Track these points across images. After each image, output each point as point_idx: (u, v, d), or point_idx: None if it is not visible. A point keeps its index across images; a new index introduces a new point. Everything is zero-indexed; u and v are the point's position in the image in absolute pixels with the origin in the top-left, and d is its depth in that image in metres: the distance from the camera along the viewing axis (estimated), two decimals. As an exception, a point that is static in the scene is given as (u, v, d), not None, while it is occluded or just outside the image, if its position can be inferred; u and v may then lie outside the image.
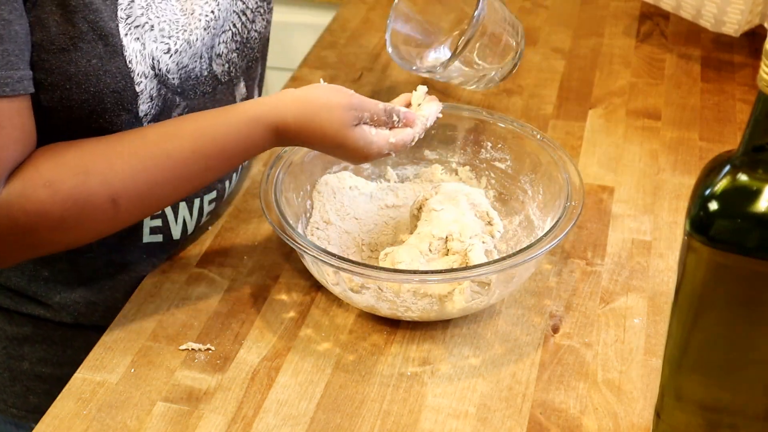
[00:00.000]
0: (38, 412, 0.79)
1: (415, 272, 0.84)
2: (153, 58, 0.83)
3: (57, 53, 0.77)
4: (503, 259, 0.82)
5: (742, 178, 0.61)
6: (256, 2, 0.96)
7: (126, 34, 0.80)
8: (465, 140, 1.03)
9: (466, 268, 0.84)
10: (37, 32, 0.76)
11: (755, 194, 0.61)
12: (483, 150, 1.01)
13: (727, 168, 0.62)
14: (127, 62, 0.81)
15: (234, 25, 0.92)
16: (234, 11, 0.92)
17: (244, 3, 0.94)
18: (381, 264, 0.88)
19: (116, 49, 0.80)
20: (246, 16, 0.94)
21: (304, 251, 0.83)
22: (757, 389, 0.67)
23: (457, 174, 1.03)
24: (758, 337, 0.65)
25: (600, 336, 0.86)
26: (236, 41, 0.93)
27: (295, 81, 1.25)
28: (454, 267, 0.86)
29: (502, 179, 1.01)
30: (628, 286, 0.92)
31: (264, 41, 0.99)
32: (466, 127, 1.02)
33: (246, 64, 0.96)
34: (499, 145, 1.00)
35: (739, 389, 0.68)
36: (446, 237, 0.89)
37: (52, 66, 0.77)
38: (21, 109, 0.75)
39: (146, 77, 0.83)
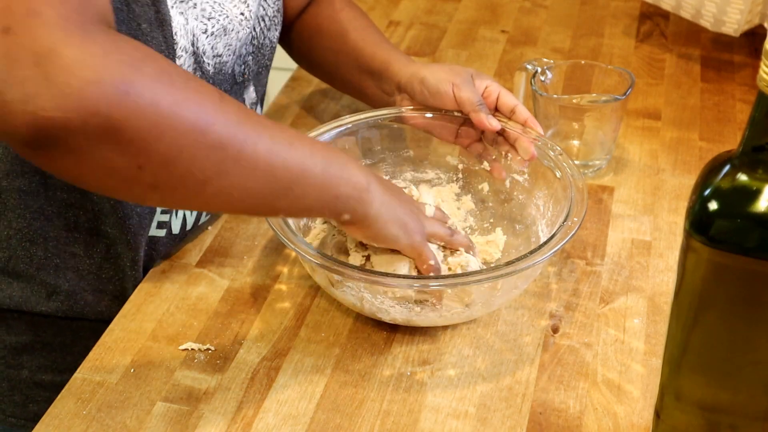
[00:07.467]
0: (37, 420, 0.79)
1: (379, 274, 0.84)
2: (193, 35, 0.86)
3: None
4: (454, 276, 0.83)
5: (742, 178, 0.62)
6: (274, 12, 0.99)
7: (172, 6, 0.83)
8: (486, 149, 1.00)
9: (431, 278, 0.83)
10: None
11: (755, 194, 0.61)
12: (503, 159, 0.98)
13: (727, 168, 0.62)
14: (173, 33, 0.83)
15: (254, 29, 0.95)
16: (257, 15, 0.96)
17: (264, 10, 0.97)
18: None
19: (165, 18, 0.82)
20: (264, 22, 0.97)
21: (296, 248, 0.82)
22: (757, 389, 0.67)
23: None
24: (758, 337, 0.65)
25: (600, 336, 0.86)
26: (254, 45, 0.97)
27: (295, 81, 1.25)
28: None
29: (518, 192, 0.98)
30: (628, 286, 0.92)
31: (273, 51, 1.02)
32: (489, 138, 0.99)
33: (257, 69, 0.99)
34: (519, 158, 0.97)
35: (739, 389, 0.68)
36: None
37: None
38: None
39: (186, 52, 0.85)
